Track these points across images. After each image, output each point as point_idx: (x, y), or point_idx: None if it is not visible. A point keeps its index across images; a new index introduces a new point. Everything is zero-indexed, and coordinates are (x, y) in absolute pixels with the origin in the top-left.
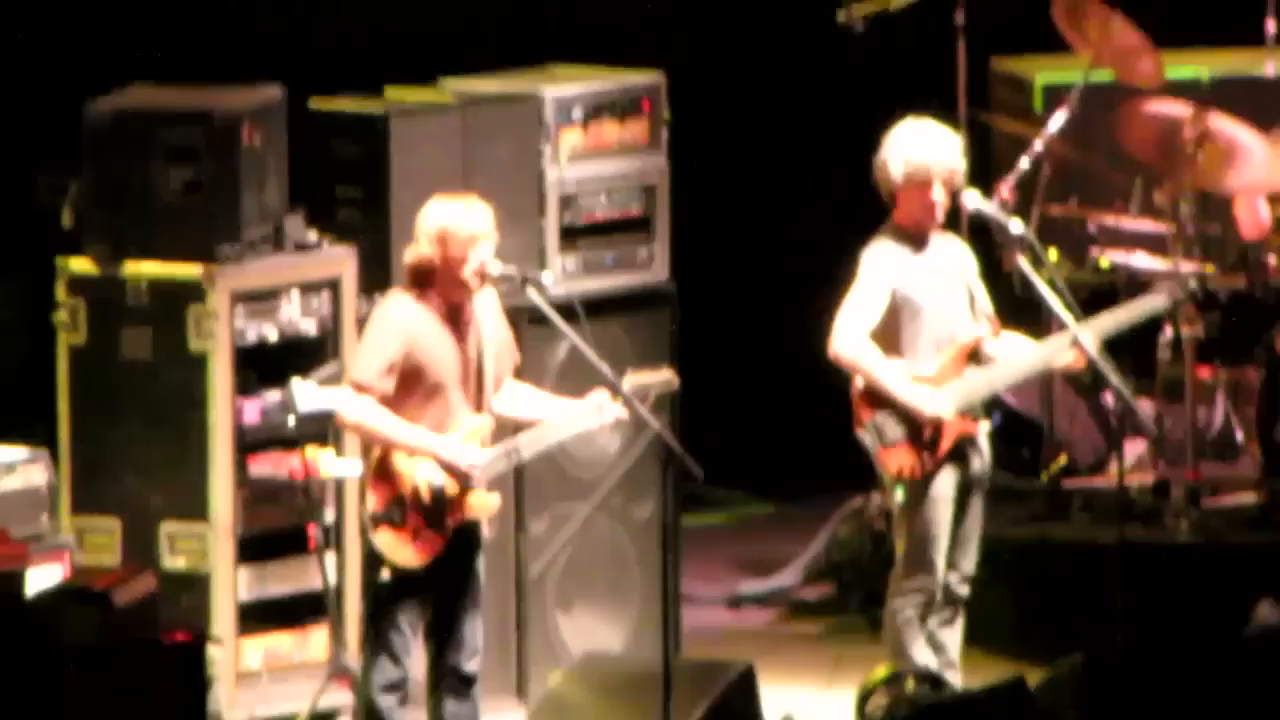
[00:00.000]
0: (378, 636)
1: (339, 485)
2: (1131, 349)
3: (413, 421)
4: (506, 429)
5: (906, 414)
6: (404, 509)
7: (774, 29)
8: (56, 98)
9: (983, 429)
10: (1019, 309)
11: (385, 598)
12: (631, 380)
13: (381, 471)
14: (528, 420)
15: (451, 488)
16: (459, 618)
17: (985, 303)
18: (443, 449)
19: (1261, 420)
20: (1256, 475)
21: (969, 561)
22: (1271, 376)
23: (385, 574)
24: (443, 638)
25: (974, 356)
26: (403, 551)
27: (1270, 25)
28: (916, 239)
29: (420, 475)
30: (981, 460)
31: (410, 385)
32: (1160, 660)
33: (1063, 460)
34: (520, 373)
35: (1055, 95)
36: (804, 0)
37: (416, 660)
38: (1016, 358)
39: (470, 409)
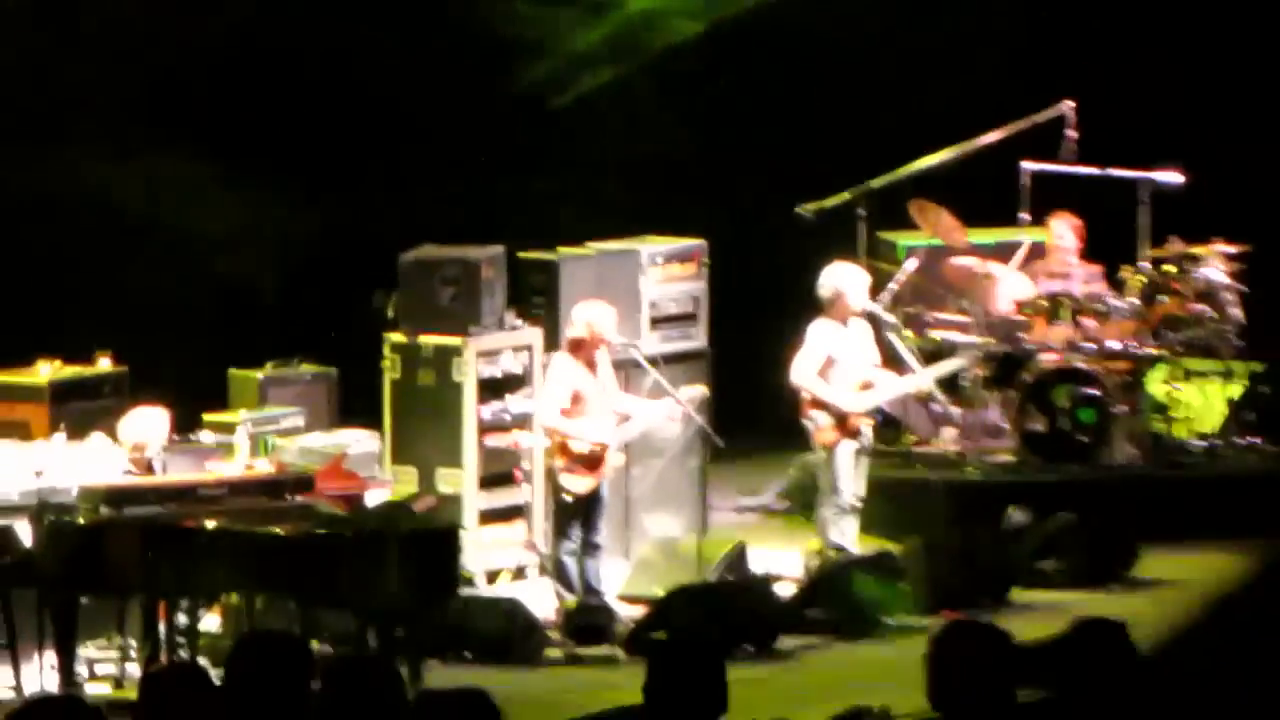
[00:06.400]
0: (565, 528)
1: (531, 450)
2: (951, 380)
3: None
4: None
5: (835, 412)
6: (575, 464)
7: (783, 212)
8: (384, 252)
9: (868, 421)
10: (887, 359)
11: (568, 509)
12: (686, 392)
13: (563, 447)
14: (629, 415)
15: (599, 450)
16: (598, 517)
17: (876, 357)
18: (591, 433)
19: (1017, 418)
20: (1015, 446)
21: (861, 489)
22: (1023, 395)
23: (567, 497)
24: (590, 526)
25: (865, 388)
26: (578, 484)
27: (1024, 215)
28: (841, 323)
29: (585, 446)
30: (867, 437)
31: (573, 403)
32: (962, 540)
33: (913, 437)
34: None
35: (911, 251)
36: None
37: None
38: (896, 386)
39: (599, 413)
